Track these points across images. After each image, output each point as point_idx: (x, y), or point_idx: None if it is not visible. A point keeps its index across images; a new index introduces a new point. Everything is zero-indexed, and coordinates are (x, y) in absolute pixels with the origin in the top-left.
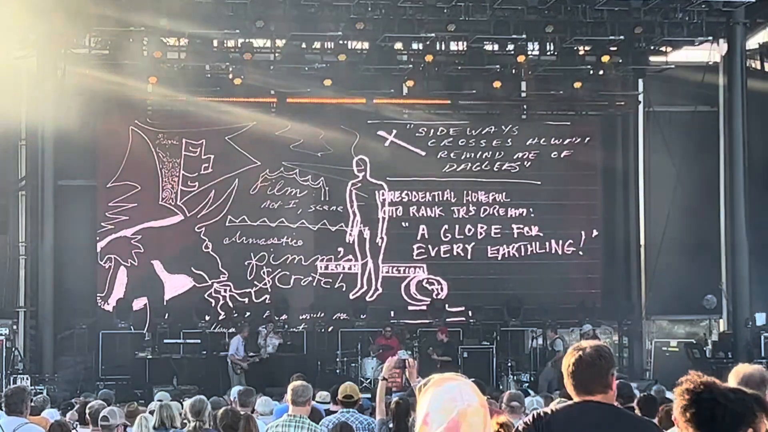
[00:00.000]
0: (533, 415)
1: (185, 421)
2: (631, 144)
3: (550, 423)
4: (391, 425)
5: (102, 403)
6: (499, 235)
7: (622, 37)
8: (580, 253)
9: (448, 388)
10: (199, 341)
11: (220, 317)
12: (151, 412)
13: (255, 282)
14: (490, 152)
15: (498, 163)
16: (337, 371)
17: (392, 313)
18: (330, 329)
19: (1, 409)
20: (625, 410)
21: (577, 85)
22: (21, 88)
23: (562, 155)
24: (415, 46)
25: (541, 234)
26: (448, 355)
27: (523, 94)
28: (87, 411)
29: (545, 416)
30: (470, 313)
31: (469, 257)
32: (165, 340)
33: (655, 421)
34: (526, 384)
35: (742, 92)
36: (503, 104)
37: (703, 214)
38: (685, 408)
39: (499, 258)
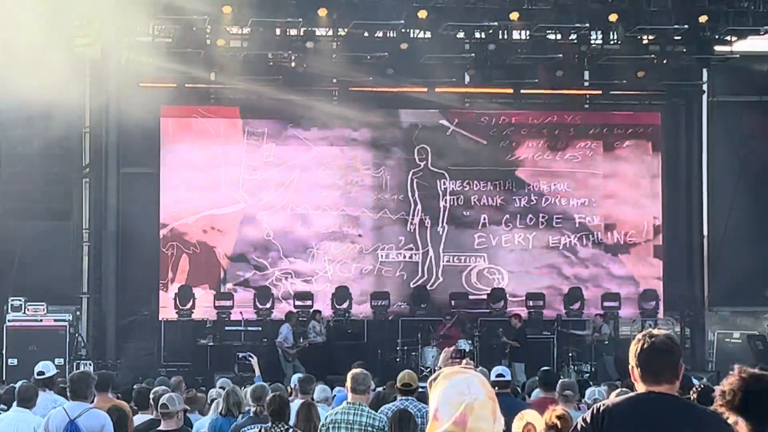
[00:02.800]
0: (592, 410)
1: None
2: (695, 134)
3: (612, 419)
4: None
5: (165, 389)
6: (560, 225)
7: (686, 26)
8: (642, 242)
9: (457, 381)
10: (260, 329)
11: (281, 305)
12: (212, 399)
13: (316, 270)
14: (552, 141)
15: (560, 152)
16: (397, 360)
17: (453, 302)
18: (390, 318)
19: (65, 395)
20: (691, 402)
21: (641, 74)
22: (85, 76)
23: (624, 145)
24: (477, 34)
25: (603, 223)
26: (518, 341)
27: (586, 84)
28: (151, 396)
29: (604, 412)
30: (531, 302)
31: (530, 246)
32: (226, 328)
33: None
34: (587, 374)
35: None
36: (566, 93)
37: (766, 204)
38: (730, 402)
39: (560, 247)
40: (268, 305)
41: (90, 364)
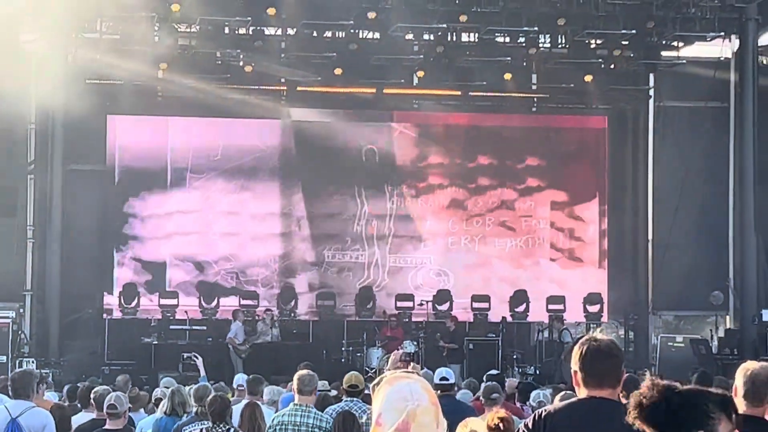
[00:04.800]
0: (534, 416)
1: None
2: (641, 139)
3: (554, 425)
4: None
5: (107, 388)
6: (506, 228)
7: (634, 31)
8: (588, 246)
9: (399, 387)
10: (204, 328)
11: (227, 304)
12: (157, 399)
13: (263, 269)
14: (499, 144)
15: (507, 154)
16: (343, 360)
17: (398, 303)
18: (336, 318)
19: (7, 393)
20: None
21: (588, 78)
22: (31, 71)
23: (571, 148)
24: (426, 36)
25: (549, 227)
26: (454, 343)
27: (534, 87)
28: (92, 396)
29: (546, 417)
30: (476, 305)
31: (476, 249)
32: (171, 326)
33: None
34: (531, 377)
35: (753, 89)
36: (513, 96)
37: (711, 210)
38: (638, 414)
39: (507, 250)
40: (213, 304)
41: (33, 362)
